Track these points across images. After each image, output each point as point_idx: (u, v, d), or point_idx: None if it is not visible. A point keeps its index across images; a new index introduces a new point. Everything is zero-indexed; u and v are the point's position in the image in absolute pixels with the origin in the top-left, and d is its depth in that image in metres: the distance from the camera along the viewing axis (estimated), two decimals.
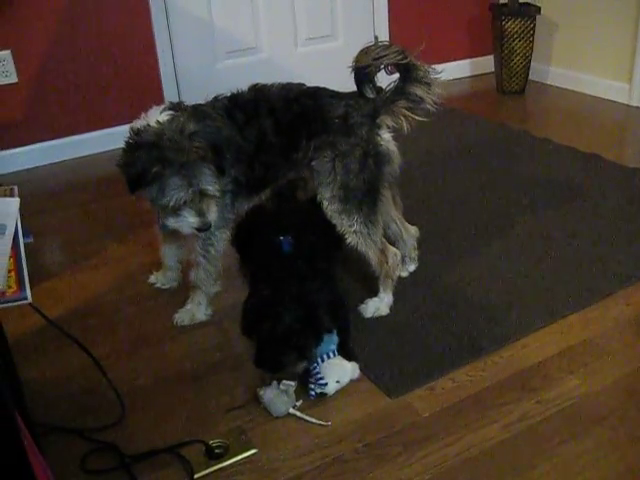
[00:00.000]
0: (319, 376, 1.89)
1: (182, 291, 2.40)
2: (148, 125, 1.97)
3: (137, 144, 1.94)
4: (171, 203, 1.93)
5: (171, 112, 2.02)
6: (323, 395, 1.87)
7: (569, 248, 2.57)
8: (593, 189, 3.03)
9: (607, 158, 3.32)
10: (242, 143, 2.09)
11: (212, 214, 2.01)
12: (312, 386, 1.88)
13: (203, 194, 1.96)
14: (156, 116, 2.00)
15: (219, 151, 2.00)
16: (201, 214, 1.98)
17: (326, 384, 1.87)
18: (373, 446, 1.73)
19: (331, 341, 1.97)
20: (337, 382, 1.90)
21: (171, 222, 2.00)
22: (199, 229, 2.00)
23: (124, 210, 3.06)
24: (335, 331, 1.99)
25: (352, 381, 1.94)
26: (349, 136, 2.09)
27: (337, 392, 1.91)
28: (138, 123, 2.00)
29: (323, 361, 1.92)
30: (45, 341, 2.18)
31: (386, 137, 2.14)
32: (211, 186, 1.96)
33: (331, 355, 1.94)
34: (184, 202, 1.94)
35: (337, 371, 1.91)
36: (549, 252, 2.55)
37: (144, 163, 1.90)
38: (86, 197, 3.31)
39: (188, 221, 1.98)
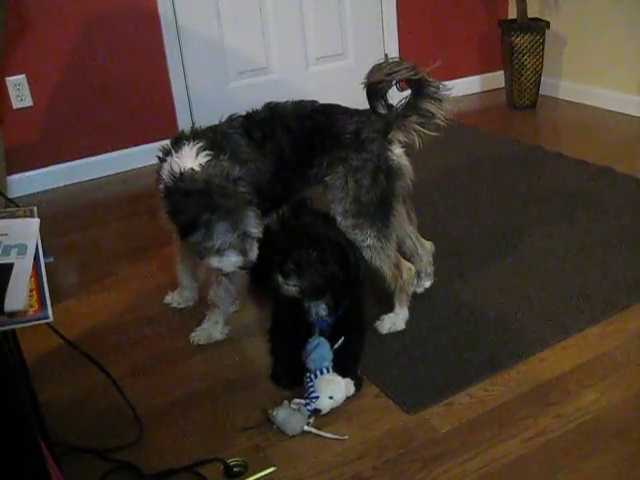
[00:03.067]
0: (311, 390, 1.89)
1: (198, 310, 2.41)
2: (192, 169, 1.95)
3: (186, 191, 1.93)
4: (217, 246, 1.95)
5: (208, 152, 2.00)
6: (317, 411, 1.86)
7: (584, 261, 2.56)
8: (607, 202, 3.03)
9: (620, 171, 3.31)
10: (262, 160, 2.11)
11: (254, 253, 2.02)
12: (306, 401, 1.88)
13: (246, 235, 1.98)
14: (192, 157, 1.99)
15: (261, 193, 2.03)
16: (244, 253, 1.99)
17: (317, 397, 1.87)
18: (392, 463, 1.72)
19: (324, 357, 1.96)
20: (330, 398, 1.88)
21: (214, 262, 2.00)
22: (242, 268, 2.02)
23: (140, 230, 3.09)
24: (330, 347, 1.99)
25: (348, 398, 1.93)
26: (361, 152, 2.10)
27: (355, 409, 1.91)
28: (175, 165, 1.97)
29: (316, 377, 1.92)
30: (63, 361, 2.18)
31: (398, 152, 2.15)
32: (255, 229, 1.99)
33: (324, 371, 1.93)
34: (229, 245, 1.96)
35: (330, 387, 1.90)
36: (564, 266, 2.54)
37: (195, 211, 1.91)
38: (102, 218, 3.34)
39: (231, 260, 1.99)
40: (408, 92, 2.11)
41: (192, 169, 1.95)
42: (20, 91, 3.57)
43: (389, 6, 4.38)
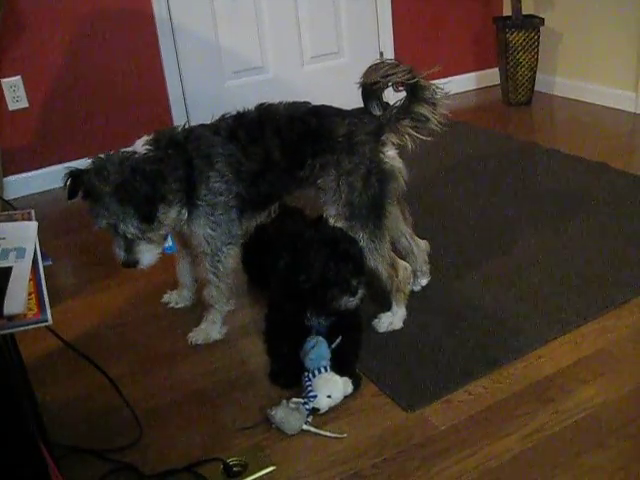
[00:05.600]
0: (309, 389, 1.90)
1: (196, 310, 2.41)
2: (117, 151, 2.02)
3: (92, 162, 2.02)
4: (93, 226, 1.98)
5: (149, 147, 2.03)
6: (316, 410, 1.87)
7: (581, 258, 2.57)
8: (602, 198, 3.03)
9: (615, 167, 3.32)
10: (244, 161, 2.11)
11: (141, 255, 2.02)
12: (304, 400, 1.88)
13: (119, 230, 1.97)
14: (139, 145, 2.04)
15: (148, 201, 1.96)
16: (127, 250, 2.00)
17: (315, 396, 1.87)
18: (391, 461, 1.73)
19: (322, 356, 1.97)
20: (329, 397, 1.89)
21: (112, 246, 2.04)
22: (124, 264, 2.03)
23: None
24: (328, 346, 2.00)
25: (346, 397, 1.93)
26: (353, 155, 2.10)
27: (353, 407, 1.92)
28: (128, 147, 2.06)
29: (315, 376, 1.92)
30: (61, 363, 2.19)
31: (390, 154, 2.15)
32: (125, 227, 1.96)
33: (322, 370, 1.94)
34: (109, 230, 1.97)
35: (328, 386, 1.90)
36: (560, 262, 2.55)
37: (78, 179, 1.97)
38: None
39: (115, 249, 2.02)
40: (405, 93, 2.10)
41: (120, 151, 2.01)
42: (16, 92, 3.56)
43: (384, 4, 4.38)
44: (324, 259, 1.92)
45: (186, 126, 2.17)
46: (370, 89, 2.08)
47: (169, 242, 2.21)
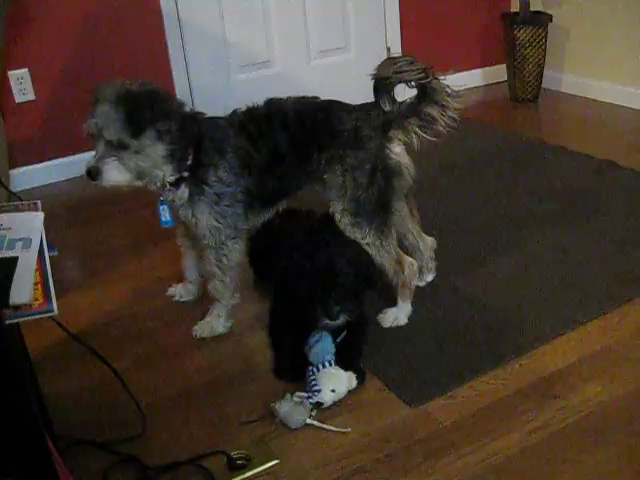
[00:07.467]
0: (313, 383, 1.90)
1: (201, 304, 2.41)
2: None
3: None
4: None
5: None
6: (320, 405, 1.87)
7: (586, 255, 2.56)
8: (609, 196, 3.02)
9: (622, 164, 3.31)
10: (254, 154, 2.12)
11: (106, 168, 1.97)
12: (308, 394, 1.88)
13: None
14: None
15: (139, 109, 1.95)
16: (98, 160, 1.97)
17: (319, 390, 1.87)
18: (394, 456, 1.73)
19: (327, 351, 1.97)
20: (333, 391, 1.88)
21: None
22: (87, 171, 1.97)
23: (142, 224, 3.09)
24: (332, 341, 2.00)
25: (350, 391, 1.93)
26: (358, 150, 2.09)
27: (357, 402, 1.92)
28: None
29: (319, 370, 1.93)
30: (66, 355, 2.19)
31: (397, 150, 2.14)
32: (108, 127, 1.94)
33: (327, 364, 1.94)
34: (93, 137, 1.97)
35: (332, 380, 1.90)
36: (566, 260, 2.54)
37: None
38: (104, 212, 3.34)
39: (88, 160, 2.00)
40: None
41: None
42: (22, 85, 3.57)
43: None
44: (310, 281, 1.94)
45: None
46: (382, 83, 2.07)
47: (167, 216, 2.19)
